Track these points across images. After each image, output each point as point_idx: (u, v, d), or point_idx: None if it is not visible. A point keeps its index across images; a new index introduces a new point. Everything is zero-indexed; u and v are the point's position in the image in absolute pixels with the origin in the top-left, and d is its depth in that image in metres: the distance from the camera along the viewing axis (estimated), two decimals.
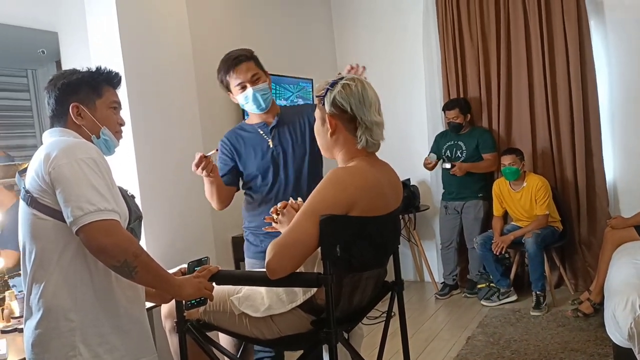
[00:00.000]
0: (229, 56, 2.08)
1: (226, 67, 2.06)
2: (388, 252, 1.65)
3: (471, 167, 3.97)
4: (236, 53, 2.08)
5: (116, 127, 1.49)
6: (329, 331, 1.39)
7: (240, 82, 2.05)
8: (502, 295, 3.76)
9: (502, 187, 3.86)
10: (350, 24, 4.70)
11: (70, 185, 1.25)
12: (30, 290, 1.33)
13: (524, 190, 3.72)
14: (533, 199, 3.68)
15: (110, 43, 2.45)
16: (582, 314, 3.29)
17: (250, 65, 2.07)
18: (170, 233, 2.61)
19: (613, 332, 2.31)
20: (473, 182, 4.01)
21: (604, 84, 3.90)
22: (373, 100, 1.48)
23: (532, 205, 3.71)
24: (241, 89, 2.06)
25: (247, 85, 2.05)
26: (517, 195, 3.76)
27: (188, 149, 2.08)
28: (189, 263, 1.53)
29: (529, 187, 3.70)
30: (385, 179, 1.52)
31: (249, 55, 2.09)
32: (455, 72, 4.22)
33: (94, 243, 1.23)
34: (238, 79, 2.05)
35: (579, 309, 3.32)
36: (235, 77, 2.05)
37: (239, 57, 2.06)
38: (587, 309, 3.26)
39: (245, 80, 2.05)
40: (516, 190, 3.77)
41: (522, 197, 3.74)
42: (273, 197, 2.07)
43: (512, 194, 3.80)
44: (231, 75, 2.06)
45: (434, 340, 3.31)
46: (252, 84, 2.05)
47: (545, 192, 3.65)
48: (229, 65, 2.06)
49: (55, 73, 1.47)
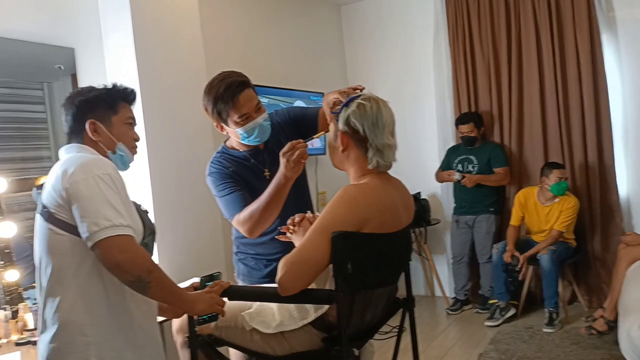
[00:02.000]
0: (228, 84, 1.79)
1: (227, 96, 1.78)
2: (400, 269, 1.65)
3: (481, 179, 3.94)
4: (235, 79, 1.81)
5: (132, 143, 1.51)
6: (340, 349, 1.39)
7: (245, 113, 1.81)
8: (503, 311, 3.71)
9: (528, 199, 3.76)
10: (361, 38, 4.73)
11: (87, 201, 1.26)
12: (45, 304, 1.34)
13: (555, 206, 3.63)
14: (561, 215, 3.61)
15: (125, 59, 2.50)
16: (596, 331, 3.23)
17: (252, 93, 1.84)
18: (183, 248, 2.62)
19: (628, 351, 2.27)
20: (485, 196, 3.98)
21: (617, 98, 3.87)
22: (387, 122, 1.48)
23: (553, 222, 3.64)
24: (245, 120, 1.82)
25: (254, 115, 1.83)
26: (546, 209, 3.68)
27: (201, 165, 2.07)
28: (201, 278, 1.54)
29: (560, 204, 3.62)
30: (397, 196, 1.52)
31: (247, 81, 1.84)
32: (467, 86, 4.22)
33: (110, 258, 1.24)
34: (243, 110, 1.80)
35: (593, 327, 3.27)
36: (238, 107, 1.79)
37: (241, 84, 1.80)
38: (601, 327, 3.21)
39: (251, 110, 1.82)
40: (545, 205, 3.68)
41: (550, 211, 3.66)
42: (276, 224, 1.82)
43: (538, 207, 3.72)
44: (234, 106, 1.79)
45: (445, 357, 3.27)
46: (257, 113, 1.84)
47: (574, 212, 3.59)
48: (230, 94, 1.78)
49: (72, 90, 1.50)
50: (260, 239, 1.93)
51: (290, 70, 3.99)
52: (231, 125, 1.84)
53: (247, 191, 1.86)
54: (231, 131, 1.88)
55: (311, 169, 4.01)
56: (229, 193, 1.85)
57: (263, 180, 1.86)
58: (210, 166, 1.94)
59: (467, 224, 4.06)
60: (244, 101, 1.80)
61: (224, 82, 1.81)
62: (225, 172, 1.89)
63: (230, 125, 1.84)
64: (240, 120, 1.81)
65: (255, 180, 1.90)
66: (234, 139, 1.93)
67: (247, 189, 1.87)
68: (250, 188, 1.87)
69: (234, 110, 1.79)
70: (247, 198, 1.83)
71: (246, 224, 1.80)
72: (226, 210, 1.88)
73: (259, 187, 1.82)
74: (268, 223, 1.81)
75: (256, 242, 1.96)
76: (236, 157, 1.94)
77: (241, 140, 1.88)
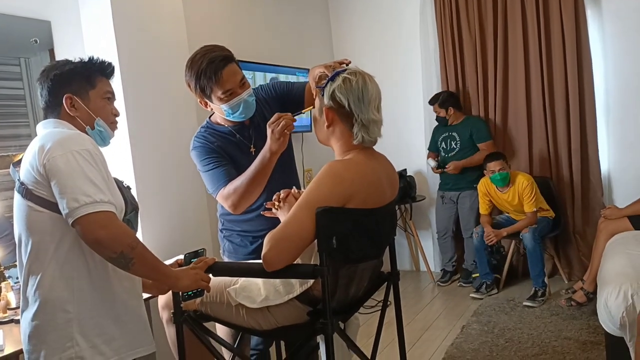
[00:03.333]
0: (210, 59, 1.73)
1: (210, 71, 1.73)
2: (384, 244, 1.66)
3: (466, 163, 4.01)
4: (218, 54, 1.75)
5: (110, 118, 1.48)
6: (325, 322, 1.40)
7: (229, 89, 1.76)
8: (489, 287, 3.81)
9: (488, 187, 3.83)
10: (347, 13, 4.66)
11: (65, 177, 1.24)
12: (26, 282, 1.33)
13: (511, 191, 3.72)
14: (520, 197, 3.69)
15: (104, 32, 2.43)
16: (575, 303, 3.32)
17: (236, 68, 1.78)
18: (167, 224, 2.61)
19: (605, 321, 2.34)
20: (469, 172, 4.04)
21: (600, 74, 3.90)
22: (373, 97, 1.46)
23: (520, 202, 3.72)
24: (229, 96, 1.77)
25: (238, 91, 1.78)
26: (505, 195, 3.76)
27: (183, 140, 2.03)
28: (186, 255, 1.53)
29: (515, 187, 3.69)
30: (382, 171, 1.52)
31: (231, 55, 1.78)
32: (453, 63, 4.21)
33: (90, 235, 1.23)
34: (226, 86, 1.75)
35: (573, 298, 3.35)
36: (222, 83, 1.74)
37: (224, 58, 1.75)
38: (581, 298, 3.30)
39: (235, 85, 1.77)
40: (503, 192, 3.76)
41: (509, 196, 3.75)
42: (262, 201, 1.80)
43: (499, 194, 3.80)
44: (218, 81, 1.73)
45: (429, 329, 3.34)
46: (241, 89, 1.79)
47: (531, 190, 3.65)
48: (213, 70, 1.72)
49: (47, 64, 1.45)
50: (246, 215, 1.92)
51: (276, 45, 3.92)
52: (215, 102, 1.79)
53: (232, 166, 1.84)
54: (215, 107, 1.84)
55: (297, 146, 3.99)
56: (213, 168, 1.83)
57: (248, 156, 1.83)
58: (195, 140, 1.91)
59: (452, 199, 4.13)
60: (228, 77, 1.75)
61: (206, 57, 1.75)
62: (210, 147, 1.86)
63: (214, 102, 1.80)
64: (224, 96, 1.77)
65: (241, 156, 1.87)
66: (219, 115, 1.89)
67: (232, 165, 1.85)
68: (235, 164, 1.85)
69: (217, 86, 1.74)
70: (232, 173, 1.81)
71: (230, 199, 1.79)
72: (210, 185, 1.86)
73: (244, 163, 1.80)
74: (252, 198, 1.80)
75: (242, 218, 1.95)
76: (221, 132, 1.90)
77: (226, 116, 1.84)
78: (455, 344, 3.04)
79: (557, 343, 2.92)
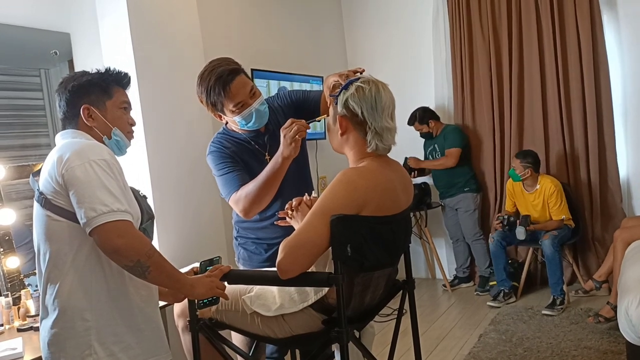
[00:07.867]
0: (218, 74, 1.76)
1: (219, 87, 1.76)
2: (399, 251, 1.65)
3: (428, 165, 4.14)
4: (224, 68, 1.77)
5: (127, 128, 1.50)
6: (340, 330, 1.40)
7: (240, 102, 1.79)
8: (506, 296, 3.76)
9: (515, 186, 3.85)
10: (361, 22, 4.68)
11: (83, 186, 1.26)
12: (45, 290, 1.34)
13: (537, 193, 3.72)
14: (546, 202, 3.67)
15: (121, 44, 2.47)
16: (603, 319, 3.19)
17: (244, 79, 1.80)
18: (182, 233, 2.63)
19: (626, 330, 2.29)
20: (456, 177, 4.10)
21: (617, 79, 3.85)
22: (386, 105, 1.47)
23: (544, 207, 3.69)
24: (240, 108, 1.80)
25: (249, 101, 1.81)
26: (531, 197, 3.75)
27: (200, 149, 2.05)
28: (201, 262, 1.54)
29: (541, 190, 3.68)
30: (396, 178, 1.51)
31: (238, 67, 1.81)
32: (466, 70, 4.19)
33: (108, 244, 1.24)
34: (236, 99, 1.78)
35: (600, 314, 3.24)
36: (232, 97, 1.77)
37: (231, 72, 1.77)
38: (608, 313, 3.16)
39: (245, 97, 1.79)
40: (529, 192, 3.76)
41: (535, 199, 3.73)
42: (277, 208, 1.83)
43: (525, 194, 3.79)
44: (227, 95, 1.76)
45: (446, 338, 3.30)
46: (252, 99, 1.82)
47: (559, 197, 3.63)
48: (222, 85, 1.75)
49: (65, 75, 1.48)
50: (261, 223, 1.95)
51: (290, 54, 3.95)
52: (228, 114, 1.84)
53: (245, 172, 1.86)
54: (229, 119, 1.88)
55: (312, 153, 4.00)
56: (227, 172, 1.86)
57: (263, 164, 1.85)
58: (211, 145, 1.95)
59: (451, 206, 4.20)
60: (237, 90, 1.78)
61: (213, 73, 1.78)
62: (225, 152, 1.89)
63: (227, 114, 1.84)
64: (235, 109, 1.80)
65: (255, 163, 1.89)
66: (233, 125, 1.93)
67: (246, 171, 1.87)
68: (249, 170, 1.87)
69: (227, 100, 1.78)
70: (245, 178, 1.84)
71: (241, 203, 1.81)
72: (223, 189, 1.88)
73: (258, 170, 1.82)
74: (264, 203, 1.82)
75: (257, 226, 1.97)
76: (237, 138, 1.93)
77: (240, 127, 1.88)
78: (472, 353, 2.99)
79: (577, 352, 2.86)
